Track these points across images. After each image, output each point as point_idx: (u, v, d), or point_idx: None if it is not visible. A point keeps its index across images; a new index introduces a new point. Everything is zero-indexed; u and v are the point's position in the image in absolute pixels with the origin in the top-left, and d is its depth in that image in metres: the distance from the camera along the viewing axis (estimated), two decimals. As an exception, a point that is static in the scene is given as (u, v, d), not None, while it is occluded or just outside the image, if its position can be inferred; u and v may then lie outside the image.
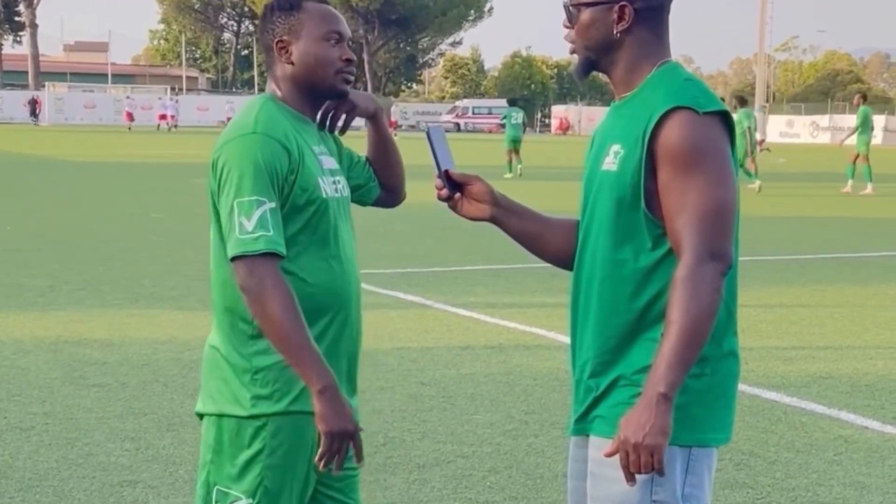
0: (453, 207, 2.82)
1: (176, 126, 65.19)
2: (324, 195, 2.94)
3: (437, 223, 15.33)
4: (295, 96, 3.02)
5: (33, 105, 71.32)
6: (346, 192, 3.12)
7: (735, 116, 16.39)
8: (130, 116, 64.58)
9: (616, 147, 2.58)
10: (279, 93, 3.02)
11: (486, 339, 8.40)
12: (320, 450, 2.80)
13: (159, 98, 71.41)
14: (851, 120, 76.99)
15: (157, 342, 7.99)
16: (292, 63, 2.99)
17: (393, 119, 70.46)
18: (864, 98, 24.74)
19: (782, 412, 6.50)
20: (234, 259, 2.79)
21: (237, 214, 2.78)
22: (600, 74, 2.77)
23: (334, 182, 3.03)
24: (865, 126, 23.93)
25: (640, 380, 2.53)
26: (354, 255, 3.10)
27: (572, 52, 2.72)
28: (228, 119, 33.02)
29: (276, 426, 2.91)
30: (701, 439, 2.57)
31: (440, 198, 2.81)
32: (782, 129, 74.39)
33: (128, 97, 71.21)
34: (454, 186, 2.79)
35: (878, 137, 70.41)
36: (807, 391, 6.97)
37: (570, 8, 2.68)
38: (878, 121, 72.22)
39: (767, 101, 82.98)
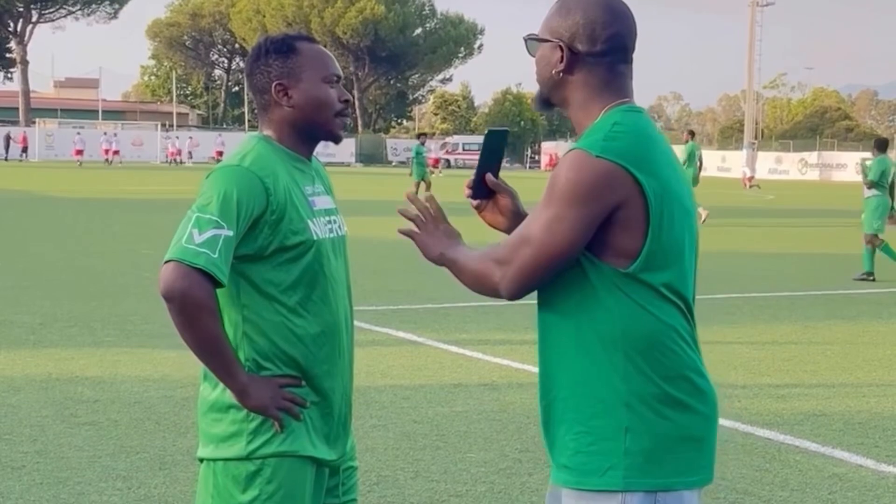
0: (477, 208, 2.86)
1: (111, 161, 67.35)
2: (314, 237, 2.96)
3: (421, 260, 15.32)
4: (292, 137, 3.04)
5: (7, 141, 71.77)
6: (343, 231, 3.13)
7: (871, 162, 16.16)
8: (80, 153, 66.10)
9: None
10: (273, 134, 3.03)
11: (479, 376, 8.38)
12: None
13: (104, 133, 72.94)
14: (840, 157, 77.48)
15: (149, 380, 7.96)
16: (292, 106, 3.01)
17: (434, 157, 69.69)
18: (692, 135, 26.19)
19: (776, 450, 6.49)
20: (168, 261, 2.78)
21: (191, 224, 2.80)
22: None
23: (328, 222, 3.05)
24: (692, 160, 24.93)
25: (596, 427, 2.54)
26: (349, 294, 3.11)
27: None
28: (170, 154, 33.13)
29: (272, 470, 2.90)
30: (666, 484, 2.54)
31: (466, 196, 2.86)
32: (771, 166, 74.65)
33: (78, 133, 72.64)
34: (485, 192, 2.83)
35: (865, 174, 70.72)
36: (800, 429, 6.97)
37: (528, 42, 2.73)
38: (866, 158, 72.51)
39: (756, 137, 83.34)
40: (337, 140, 3.09)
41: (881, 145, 16.19)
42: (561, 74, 2.64)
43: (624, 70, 2.65)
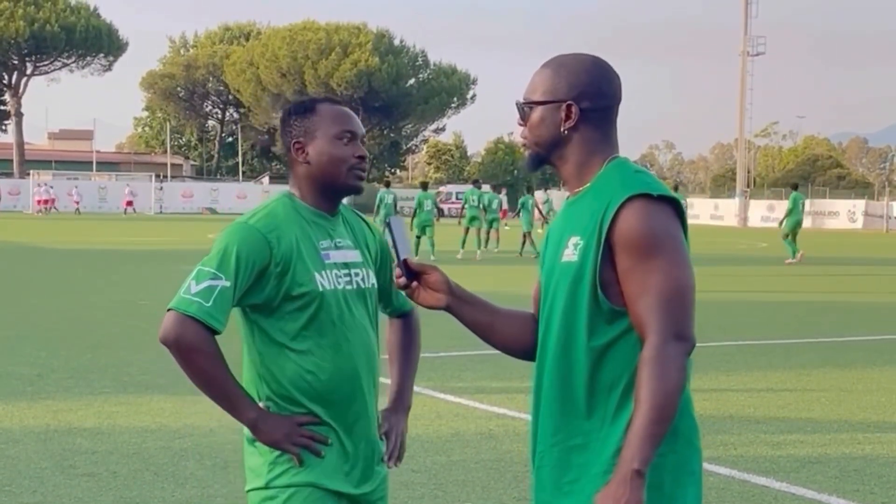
0: (411, 295, 2.93)
1: (52, 209, 69.16)
2: (320, 288, 3.11)
3: (421, 308, 15.35)
4: (313, 193, 3.23)
5: None
6: (367, 284, 3.25)
7: None
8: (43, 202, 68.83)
9: (575, 239, 2.70)
10: (297, 191, 3.24)
11: (476, 425, 8.41)
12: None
13: (40, 185, 74.20)
14: (832, 205, 77.70)
15: (147, 430, 7.97)
16: (308, 162, 3.20)
17: (504, 208, 70.02)
18: (530, 188, 33.46)
19: (772, 498, 6.51)
20: (169, 310, 3.05)
21: (192, 276, 3.06)
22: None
23: (346, 274, 3.18)
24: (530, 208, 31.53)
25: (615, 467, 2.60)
26: (371, 343, 3.24)
27: (524, 146, 2.87)
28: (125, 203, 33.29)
29: (285, 498, 3.07)
30: None
31: (399, 286, 2.92)
32: (763, 214, 74.87)
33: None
34: (412, 275, 2.91)
35: (857, 222, 71.05)
36: (796, 476, 7.00)
37: (524, 107, 2.83)
38: (858, 205, 72.85)
39: (748, 185, 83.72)
40: (357, 191, 3.26)
41: (476, 183, 30.25)
42: (567, 132, 2.76)
43: (616, 123, 2.83)
